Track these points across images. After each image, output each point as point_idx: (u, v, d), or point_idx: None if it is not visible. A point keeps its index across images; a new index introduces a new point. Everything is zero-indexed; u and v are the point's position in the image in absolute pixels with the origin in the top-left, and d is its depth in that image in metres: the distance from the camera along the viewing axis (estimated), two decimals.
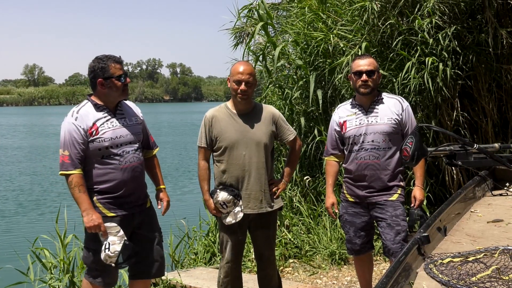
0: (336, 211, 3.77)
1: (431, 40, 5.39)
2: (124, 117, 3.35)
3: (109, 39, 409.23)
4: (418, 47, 5.48)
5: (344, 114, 3.64)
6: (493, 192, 3.32)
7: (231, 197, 3.47)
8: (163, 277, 4.71)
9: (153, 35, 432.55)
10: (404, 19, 5.76)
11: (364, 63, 3.49)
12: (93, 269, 3.33)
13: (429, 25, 5.38)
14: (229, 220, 3.51)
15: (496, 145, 2.93)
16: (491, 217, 2.72)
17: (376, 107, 3.53)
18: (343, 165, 3.71)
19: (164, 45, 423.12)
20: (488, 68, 5.77)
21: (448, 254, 2.09)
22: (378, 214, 3.52)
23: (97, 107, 3.27)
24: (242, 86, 3.42)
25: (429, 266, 1.96)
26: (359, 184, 3.56)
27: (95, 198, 3.24)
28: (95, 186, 3.25)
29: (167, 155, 22.39)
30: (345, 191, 3.70)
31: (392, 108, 3.51)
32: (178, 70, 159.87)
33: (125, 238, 3.25)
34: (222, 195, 3.48)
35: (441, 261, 2.01)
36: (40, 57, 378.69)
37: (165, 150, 24.34)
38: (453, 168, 5.74)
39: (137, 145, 3.38)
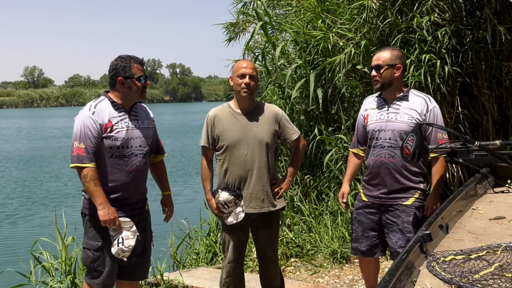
0: (345, 200, 3.66)
1: (430, 38, 5.39)
2: (138, 119, 3.35)
3: (109, 40, 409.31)
4: (417, 45, 5.48)
5: (369, 106, 3.50)
6: (494, 189, 3.31)
7: (232, 197, 3.46)
8: (164, 277, 4.72)
9: (153, 35, 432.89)
10: (403, 17, 5.76)
11: (375, 58, 3.36)
12: (92, 270, 3.32)
13: (428, 23, 5.37)
14: (231, 220, 3.50)
15: (497, 142, 2.90)
16: (493, 214, 2.72)
17: (400, 103, 3.34)
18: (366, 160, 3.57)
19: (163, 45, 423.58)
20: (488, 65, 5.76)
21: (451, 252, 2.08)
22: (390, 217, 3.37)
23: (114, 105, 3.27)
24: (246, 79, 3.43)
25: (432, 264, 1.96)
26: (374, 183, 3.43)
27: None
28: None
29: (168, 155, 22.36)
30: (360, 190, 3.60)
31: (415, 107, 3.31)
32: (177, 70, 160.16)
33: (138, 234, 3.27)
34: (224, 195, 3.47)
35: (443, 258, 2.01)
36: (40, 59, 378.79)
37: (166, 150, 24.31)
38: (453, 165, 5.73)
39: (146, 149, 3.38)
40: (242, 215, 3.48)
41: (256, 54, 7.09)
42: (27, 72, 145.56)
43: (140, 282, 4.69)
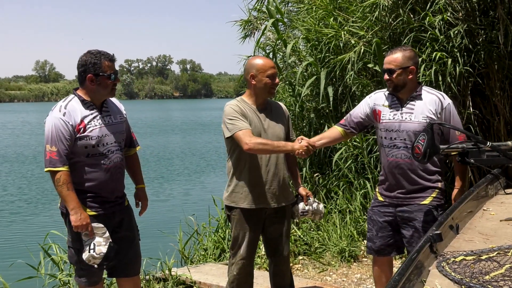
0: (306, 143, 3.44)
1: (441, 37, 5.35)
2: (110, 115, 3.29)
3: (120, 36, 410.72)
4: (428, 44, 5.44)
5: (380, 102, 3.40)
6: (505, 190, 3.28)
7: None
8: (172, 273, 4.73)
9: (164, 31, 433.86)
10: (416, 15, 5.73)
11: (386, 61, 3.29)
12: (78, 269, 3.30)
13: (441, 22, 5.34)
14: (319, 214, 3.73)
15: (510, 143, 2.86)
16: (504, 215, 2.70)
17: (413, 103, 3.27)
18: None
19: (174, 41, 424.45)
20: (500, 66, 5.71)
21: (461, 252, 2.06)
22: (406, 216, 3.31)
23: (84, 103, 3.19)
24: (277, 80, 3.44)
25: (442, 264, 1.95)
26: (390, 184, 3.37)
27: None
28: (76, 184, 3.17)
29: (177, 151, 22.47)
30: (377, 189, 3.55)
31: (429, 105, 3.24)
32: (188, 66, 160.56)
33: (110, 240, 3.19)
34: (301, 205, 3.64)
35: (453, 259, 1.99)
36: (51, 53, 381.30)
37: (174, 147, 24.43)
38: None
39: (121, 144, 3.34)
40: (321, 207, 3.71)
41: (267, 51, 7.07)
42: (38, 67, 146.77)
43: (148, 277, 4.74)
